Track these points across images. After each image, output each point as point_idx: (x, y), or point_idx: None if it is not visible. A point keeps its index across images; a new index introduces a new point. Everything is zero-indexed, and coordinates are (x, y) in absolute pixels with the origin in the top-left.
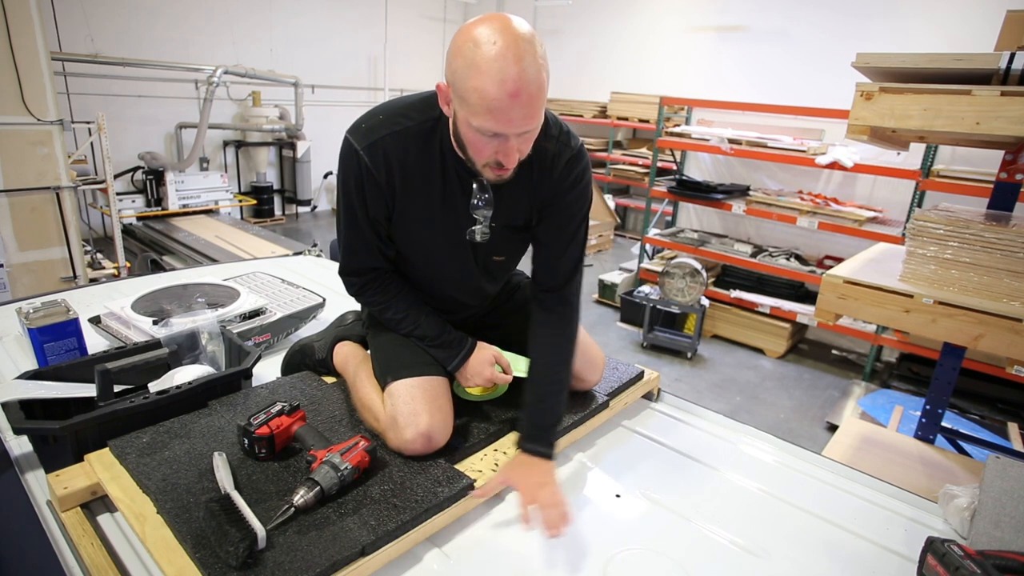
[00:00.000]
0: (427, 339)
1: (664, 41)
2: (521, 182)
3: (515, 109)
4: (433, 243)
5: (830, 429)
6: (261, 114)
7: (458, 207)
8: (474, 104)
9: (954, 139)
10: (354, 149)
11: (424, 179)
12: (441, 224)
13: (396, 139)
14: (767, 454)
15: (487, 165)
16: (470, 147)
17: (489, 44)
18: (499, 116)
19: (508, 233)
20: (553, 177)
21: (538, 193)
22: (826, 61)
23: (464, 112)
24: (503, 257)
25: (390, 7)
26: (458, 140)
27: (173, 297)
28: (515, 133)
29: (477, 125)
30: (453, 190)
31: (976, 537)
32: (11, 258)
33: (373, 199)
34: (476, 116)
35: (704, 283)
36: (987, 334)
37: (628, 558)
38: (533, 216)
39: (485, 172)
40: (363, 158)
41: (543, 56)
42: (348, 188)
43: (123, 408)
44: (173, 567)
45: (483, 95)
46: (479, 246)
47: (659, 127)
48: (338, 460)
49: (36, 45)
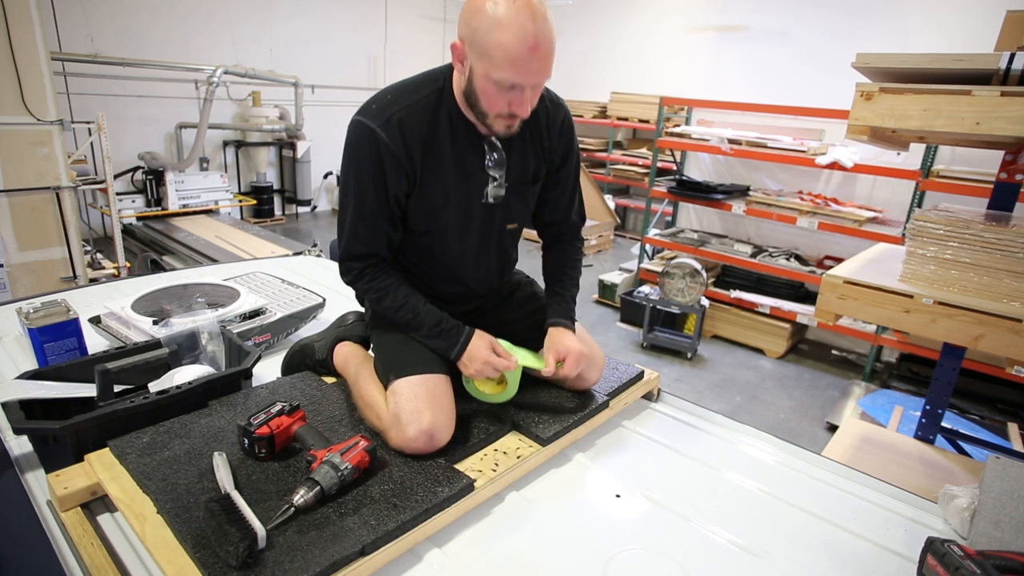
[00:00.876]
0: (426, 327)
1: (664, 41)
2: (525, 139)
3: (534, 62)
4: (451, 213)
5: (830, 429)
6: (261, 114)
7: (473, 169)
8: (496, 58)
9: (954, 139)
10: (368, 129)
11: (439, 147)
12: (458, 191)
13: (409, 112)
14: (767, 454)
15: (499, 116)
16: (485, 100)
17: (509, 4)
18: (519, 68)
19: (520, 189)
20: (555, 132)
21: (545, 147)
22: (826, 61)
23: (484, 66)
24: (515, 224)
25: (390, 7)
26: (470, 97)
27: (173, 297)
28: (531, 84)
29: (498, 78)
30: (466, 154)
31: (976, 537)
32: (11, 258)
33: (393, 177)
34: (497, 69)
35: (704, 283)
36: (987, 334)
37: (628, 558)
38: (541, 169)
39: (496, 124)
40: (380, 135)
41: (552, 18)
42: (361, 171)
43: (123, 408)
44: (173, 567)
45: (506, 49)
46: (494, 213)
47: (659, 127)
48: (338, 460)
49: (36, 45)
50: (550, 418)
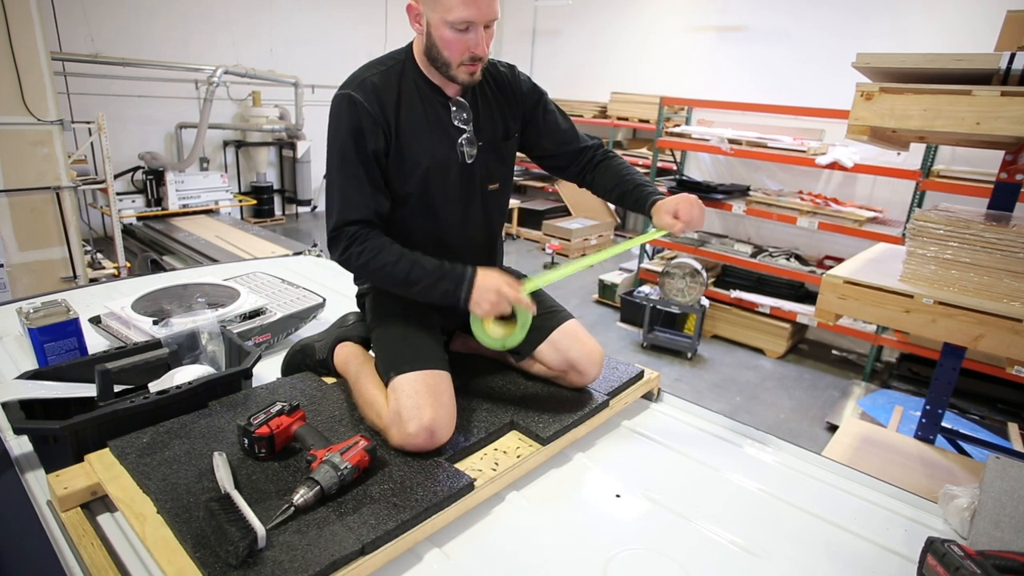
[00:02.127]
0: (427, 272)
1: (664, 41)
2: (489, 98)
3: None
4: (430, 172)
5: (830, 429)
6: (261, 114)
7: (444, 126)
8: (447, 1)
9: (954, 139)
10: (346, 95)
11: (409, 109)
12: (433, 148)
13: (380, 78)
14: (767, 454)
15: (462, 64)
16: (446, 48)
17: None
18: (470, 5)
19: (495, 146)
20: (515, 87)
21: (510, 102)
22: (826, 61)
23: (438, 14)
24: (496, 184)
25: (390, 6)
26: (432, 51)
27: (173, 297)
28: (483, 21)
29: (452, 18)
30: (436, 113)
31: (976, 537)
32: (11, 258)
33: (371, 133)
34: (450, 11)
35: (704, 283)
36: (987, 334)
37: (628, 558)
38: (512, 124)
39: (460, 74)
40: (355, 97)
41: None
42: (341, 135)
43: (123, 408)
44: (173, 567)
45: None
46: (473, 172)
47: (659, 127)
48: (338, 459)
49: (36, 45)
50: (550, 418)
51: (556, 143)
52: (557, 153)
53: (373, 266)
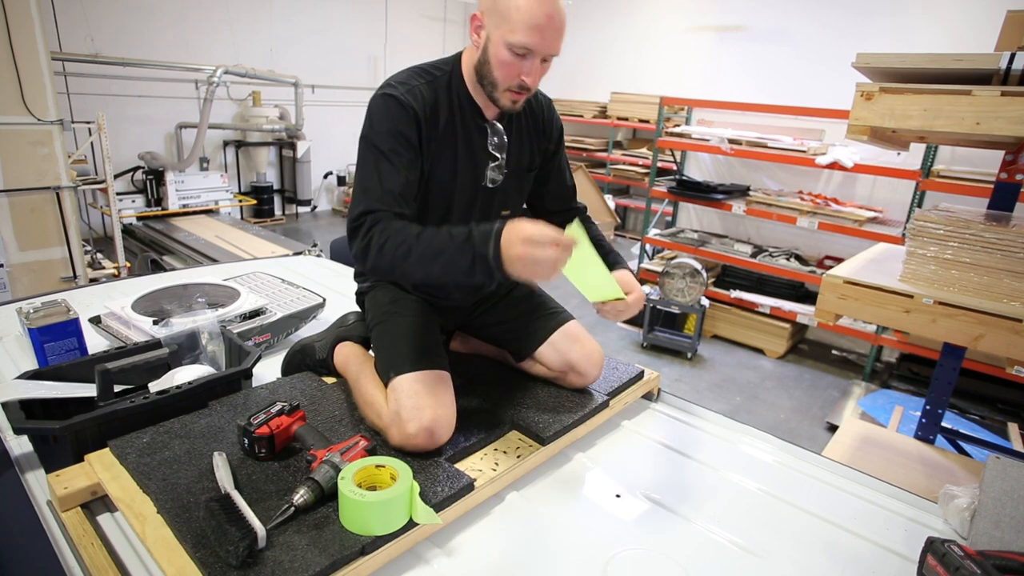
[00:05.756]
0: (457, 237)
1: (664, 41)
2: (523, 127)
3: (550, 29)
4: (457, 191)
5: (830, 429)
6: (261, 114)
7: (477, 149)
8: (515, 21)
9: (954, 139)
10: (392, 96)
11: (448, 125)
12: (464, 170)
13: (427, 88)
14: (767, 454)
15: (509, 89)
16: (498, 68)
17: None
18: (535, 32)
19: (517, 175)
20: (548, 123)
21: (539, 135)
22: (826, 61)
23: (502, 31)
24: (508, 212)
25: (390, 6)
26: (483, 68)
27: (173, 297)
28: (543, 53)
29: (514, 40)
30: (471, 134)
31: (976, 537)
32: (11, 258)
33: (414, 134)
34: (515, 32)
35: (704, 283)
36: (987, 334)
37: (628, 558)
38: (536, 158)
39: (503, 98)
40: (403, 98)
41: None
42: (380, 132)
43: (123, 408)
44: (173, 567)
45: (524, 12)
46: (493, 197)
47: (659, 127)
48: (338, 460)
49: (36, 45)
50: (550, 418)
51: (555, 192)
52: (550, 200)
53: (395, 242)
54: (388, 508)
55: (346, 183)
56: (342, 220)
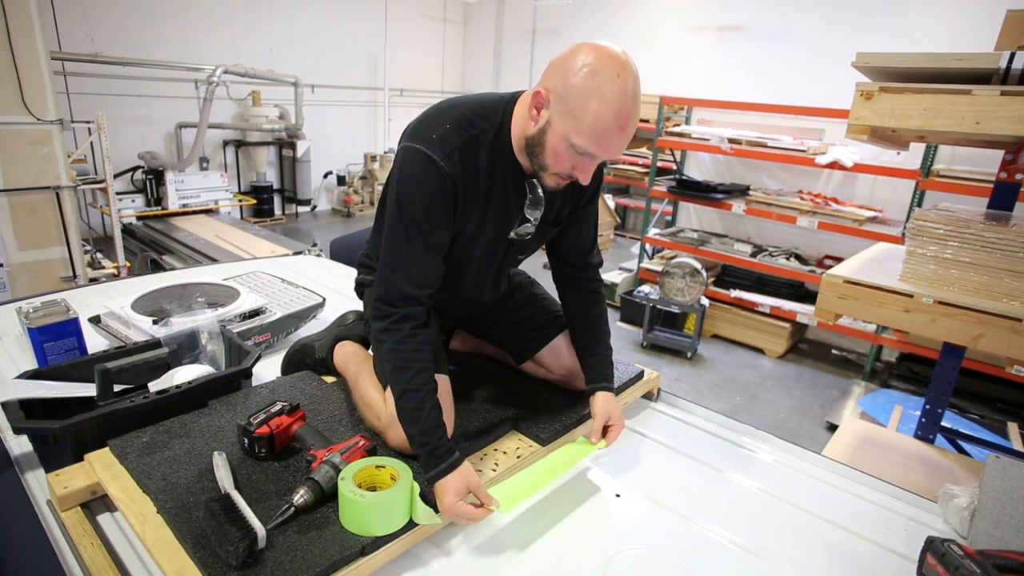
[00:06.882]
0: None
1: (664, 41)
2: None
3: (618, 140)
4: (480, 246)
5: (830, 429)
6: (261, 114)
7: (510, 208)
8: (585, 125)
9: (954, 139)
10: (430, 160)
11: (485, 183)
12: (492, 226)
13: (469, 148)
14: (767, 454)
15: (557, 175)
16: (551, 157)
17: (614, 76)
18: (603, 142)
19: (543, 229)
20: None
21: (575, 194)
22: (826, 60)
23: (566, 126)
24: (524, 255)
25: (390, 6)
26: (534, 147)
27: (173, 297)
28: (604, 159)
29: (577, 142)
30: (508, 193)
31: (976, 537)
32: (11, 258)
33: (451, 209)
34: (581, 135)
35: (704, 283)
36: (987, 334)
37: (628, 558)
38: (565, 210)
39: (548, 179)
40: (444, 168)
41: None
42: (415, 202)
43: (123, 408)
44: (173, 567)
45: (597, 120)
46: (512, 245)
47: (659, 127)
48: (338, 460)
49: (36, 45)
50: (550, 418)
51: (574, 243)
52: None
53: (400, 361)
54: (388, 508)
55: (346, 183)
56: (342, 220)
